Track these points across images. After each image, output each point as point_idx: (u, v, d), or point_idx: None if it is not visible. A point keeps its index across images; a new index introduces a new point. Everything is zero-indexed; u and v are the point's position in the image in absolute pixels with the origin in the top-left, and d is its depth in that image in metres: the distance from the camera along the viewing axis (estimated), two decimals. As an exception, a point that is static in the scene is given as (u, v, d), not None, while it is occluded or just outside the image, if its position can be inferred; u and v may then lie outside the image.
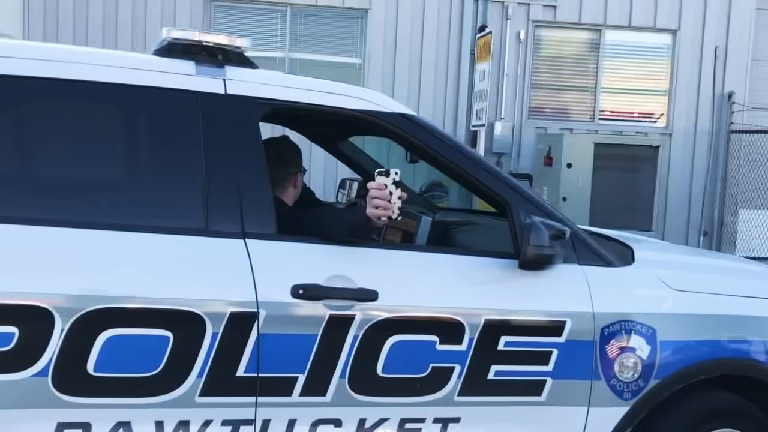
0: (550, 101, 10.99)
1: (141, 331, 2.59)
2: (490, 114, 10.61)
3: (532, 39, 10.71)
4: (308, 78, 3.12)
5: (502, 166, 10.63)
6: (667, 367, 3.08)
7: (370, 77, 10.35)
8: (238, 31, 10.30)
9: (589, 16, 10.68)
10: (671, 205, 10.81)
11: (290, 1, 10.20)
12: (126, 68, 2.79)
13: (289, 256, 2.78)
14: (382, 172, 2.80)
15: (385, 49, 10.35)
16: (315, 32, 10.41)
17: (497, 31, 10.54)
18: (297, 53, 10.36)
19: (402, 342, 2.83)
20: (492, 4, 10.53)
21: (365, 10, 10.33)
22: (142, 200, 2.75)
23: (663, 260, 3.52)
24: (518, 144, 10.73)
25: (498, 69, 10.58)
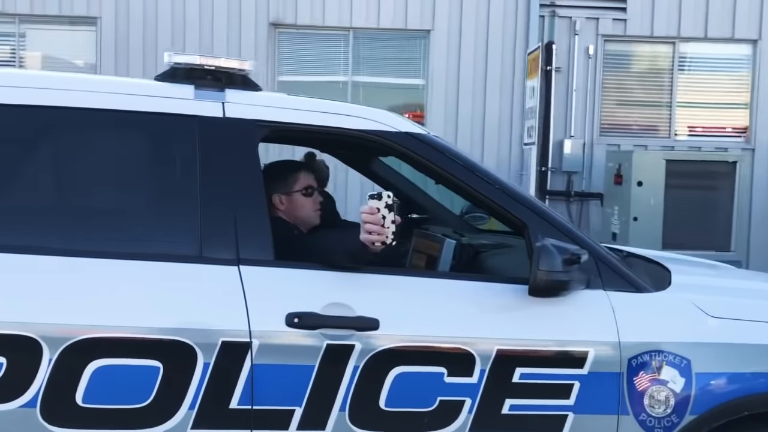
0: (623, 117, 10.63)
1: (130, 361, 2.53)
2: (559, 132, 10.35)
3: (602, 54, 10.39)
4: (313, 99, 3.03)
5: (572, 185, 10.34)
6: (705, 402, 2.82)
7: (434, 98, 10.23)
8: (302, 56, 10.38)
9: (662, 29, 10.30)
10: (755, 223, 10.25)
11: (353, 25, 10.20)
12: (124, 94, 2.77)
13: (285, 283, 2.67)
14: (374, 196, 2.66)
15: (448, 70, 10.22)
16: (377, 55, 10.37)
17: (565, 47, 10.28)
18: (360, 77, 10.33)
19: (406, 374, 2.67)
20: (559, 20, 10.28)
21: (427, 31, 10.24)
22: (135, 227, 2.70)
23: (701, 285, 3.24)
24: (590, 162, 10.40)
25: (566, 85, 10.31)
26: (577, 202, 10.44)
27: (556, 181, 10.42)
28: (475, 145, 10.28)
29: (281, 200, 3.26)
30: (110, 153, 2.80)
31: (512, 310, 2.78)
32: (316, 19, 10.20)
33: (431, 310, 2.74)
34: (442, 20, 10.21)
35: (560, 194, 10.43)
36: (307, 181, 3.27)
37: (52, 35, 10.57)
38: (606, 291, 2.85)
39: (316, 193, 3.29)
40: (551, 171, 10.35)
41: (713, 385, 2.82)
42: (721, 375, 2.84)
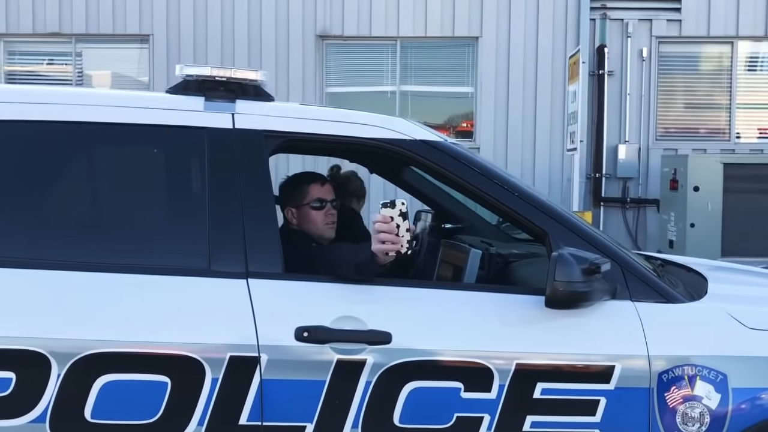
0: (680, 121, 10.35)
1: (138, 376, 2.49)
2: (613, 137, 10.10)
3: (657, 56, 10.13)
4: (327, 108, 2.98)
5: (628, 192, 10.08)
6: (743, 419, 2.64)
7: (483, 105, 10.11)
8: (349, 67, 10.38)
9: (719, 28, 9.99)
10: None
11: (399, 34, 10.15)
12: (134, 108, 2.75)
13: (295, 296, 2.61)
14: (388, 204, 2.57)
15: (497, 76, 10.09)
16: (425, 64, 10.31)
17: (617, 50, 10.06)
18: (408, 86, 10.28)
19: (421, 389, 2.57)
20: (610, 22, 10.06)
21: (476, 38, 10.13)
22: (143, 240, 2.67)
23: (740, 295, 3.05)
24: (645, 167, 10.13)
25: (620, 89, 10.07)
26: (633, 209, 10.17)
27: (611, 188, 10.18)
28: (527, 152, 10.11)
29: (293, 213, 3.21)
30: (120, 166, 2.79)
31: (533, 322, 2.66)
32: (362, 29, 10.19)
33: (446, 322, 2.63)
34: (491, 26, 10.09)
35: (615, 201, 10.18)
36: (317, 194, 3.20)
37: (106, 53, 10.81)
38: (634, 302, 2.71)
39: (328, 206, 3.22)
40: (606, 177, 10.11)
41: (752, 401, 2.65)
42: (762, 390, 2.66)
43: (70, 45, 10.72)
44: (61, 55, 10.84)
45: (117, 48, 10.75)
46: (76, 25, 10.56)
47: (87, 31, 10.57)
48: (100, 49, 10.80)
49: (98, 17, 10.52)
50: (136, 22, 10.49)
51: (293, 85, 10.21)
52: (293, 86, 10.21)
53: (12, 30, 10.63)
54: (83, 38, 10.67)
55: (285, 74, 10.26)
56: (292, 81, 10.22)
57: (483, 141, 10.13)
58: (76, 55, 10.76)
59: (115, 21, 10.53)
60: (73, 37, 10.66)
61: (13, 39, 10.73)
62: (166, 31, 10.45)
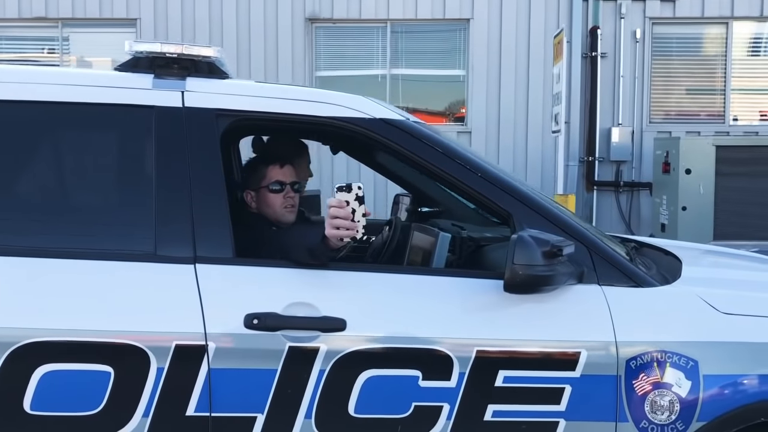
0: (674, 104, 10.21)
1: (79, 366, 2.39)
2: (606, 120, 9.97)
3: (650, 37, 9.97)
4: (283, 86, 2.86)
5: (621, 175, 9.96)
6: (715, 407, 2.53)
7: (475, 88, 9.97)
8: (339, 50, 10.24)
9: (714, 9, 9.83)
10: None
11: (390, 17, 10.01)
12: (79, 86, 2.64)
13: (244, 282, 2.50)
14: (343, 188, 2.46)
15: (489, 59, 9.95)
16: (416, 47, 10.17)
17: (610, 32, 9.92)
18: (398, 69, 10.14)
19: (377, 377, 2.46)
20: (603, 3, 9.91)
21: (467, 20, 9.98)
22: (85, 224, 2.56)
23: (713, 278, 2.94)
24: (639, 150, 10.00)
25: (613, 71, 9.93)
26: (626, 193, 10.06)
27: (604, 171, 10.06)
28: (519, 135, 9.99)
29: (251, 196, 3.10)
30: (63, 147, 2.67)
31: (494, 308, 2.55)
32: (352, 12, 10.05)
33: (403, 308, 2.53)
34: (482, 8, 9.94)
35: (609, 184, 10.06)
36: (276, 176, 3.09)
37: (93, 38, 10.68)
38: (601, 286, 2.59)
39: (288, 188, 3.10)
40: (599, 161, 9.99)
41: (724, 388, 2.54)
42: (734, 377, 2.54)
43: (56, 30, 10.59)
44: (48, 40, 10.72)
45: (104, 32, 10.61)
46: (62, 9, 10.43)
47: (73, 15, 10.44)
48: (87, 34, 10.67)
49: (84, 1, 10.38)
50: (123, 6, 10.36)
51: (282, 68, 10.08)
52: (282, 70, 10.08)
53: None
54: (70, 22, 10.55)
55: (274, 58, 10.13)
56: (281, 65, 10.09)
57: (475, 124, 10.00)
58: (63, 40, 10.64)
59: (102, 5, 10.40)
60: (59, 22, 10.54)
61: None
62: (154, 14, 10.32)
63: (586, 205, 10.07)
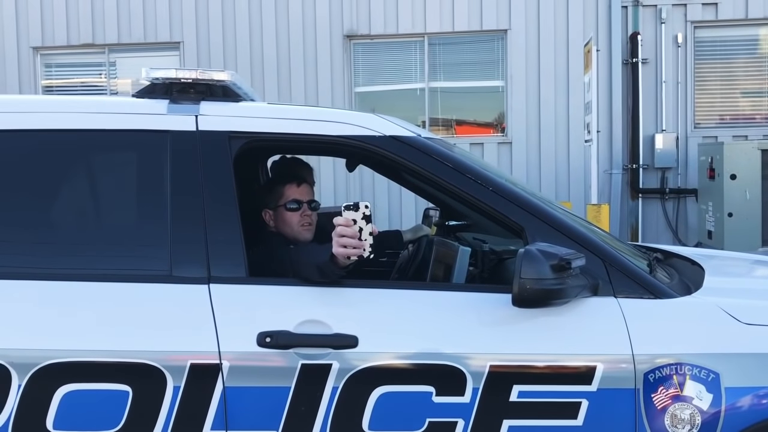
0: (719, 108, 10.00)
1: (99, 385, 2.45)
2: (650, 126, 9.82)
3: (693, 41, 9.80)
4: (294, 106, 2.91)
5: (667, 182, 9.80)
6: (738, 420, 2.47)
7: (514, 99, 9.92)
8: (377, 66, 10.29)
9: (758, 10, 9.64)
10: None
11: (427, 30, 10.03)
12: (96, 113, 2.73)
13: (257, 301, 2.53)
14: (351, 206, 2.48)
15: (527, 69, 9.89)
16: (453, 60, 10.16)
17: (651, 37, 9.77)
18: (436, 82, 10.15)
19: (390, 394, 2.47)
20: (643, 9, 9.78)
21: (504, 31, 9.94)
22: (103, 247, 2.62)
23: (736, 288, 2.87)
24: (684, 157, 9.82)
25: (655, 77, 9.79)
26: (672, 200, 9.88)
27: (649, 179, 9.90)
28: (560, 145, 9.90)
29: (270, 215, 3.14)
30: (82, 172, 2.75)
31: (508, 322, 2.53)
32: (389, 27, 10.10)
33: (416, 324, 2.53)
34: (519, 18, 9.90)
35: (654, 192, 9.90)
36: (293, 195, 3.12)
37: (138, 62, 10.89)
38: (617, 298, 2.56)
39: (305, 207, 3.14)
40: (643, 168, 9.84)
41: (747, 401, 2.47)
42: (757, 389, 2.48)
43: (103, 55, 10.86)
44: (95, 65, 10.99)
45: (149, 56, 10.83)
46: (108, 35, 10.69)
47: (119, 41, 10.69)
48: (133, 58, 10.91)
49: (129, 26, 10.64)
50: (167, 30, 10.58)
51: (322, 86, 10.17)
52: (322, 87, 10.17)
53: (47, 43, 10.81)
54: (116, 48, 10.80)
55: (314, 76, 10.23)
56: (321, 82, 10.18)
57: (515, 135, 9.94)
58: (110, 65, 10.90)
59: (147, 30, 10.63)
60: (106, 48, 10.80)
61: (48, 52, 10.92)
62: (196, 37, 10.51)
63: (631, 214, 9.92)
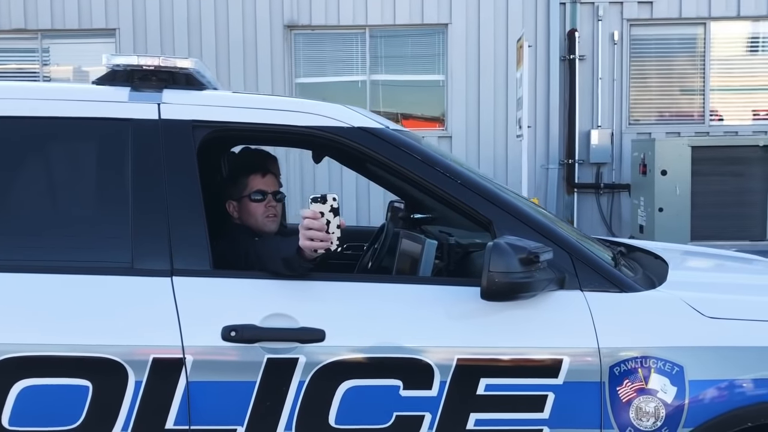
0: (653, 105, 10.25)
1: (58, 380, 2.37)
2: (585, 122, 10.00)
3: (628, 39, 10.01)
4: (260, 96, 2.86)
5: (602, 177, 10.00)
6: (701, 413, 2.51)
7: (454, 93, 9.98)
8: (318, 57, 10.22)
9: (691, 9, 9.89)
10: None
11: (368, 23, 10.00)
12: (56, 100, 2.63)
13: (222, 294, 2.48)
14: (318, 199, 2.44)
15: (468, 63, 9.97)
16: (395, 53, 10.17)
17: (588, 34, 9.96)
18: (378, 75, 10.14)
19: (357, 388, 2.45)
20: (581, 6, 9.94)
21: (445, 25, 9.99)
22: (63, 238, 2.54)
23: (699, 282, 2.92)
24: (619, 152, 10.03)
25: (592, 74, 9.97)
26: (606, 195, 10.09)
27: (584, 174, 10.08)
28: (499, 139, 10.01)
29: (234, 206, 3.08)
30: (40, 161, 2.65)
31: (474, 315, 2.53)
32: (330, 18, 10.03)
33: (383, 318, 2.51)
34: (460, 13, 9.95)
35: (589, 187, 10.09)
36: (257, 186, 3.07)
37: (73, 49, 10.61)
38: (583, 291, 2.58)
39: (269, 197, 3.08)
40: (579, 163, 10.02)
41: (710, 393, 2.51)
42: (720, 382, 2.52)
43: (36, 41, 10.51)
44: (28, 51, 10.63)
45: (83, 43, 10.54)
46: (41, 21, 10.36)
47: (53, 27, 10.36)
48: (67, 45, 10.59)
49: (63, 12, 10.32)
50: (102, 17, 10.30)
51: (262, 76, 10.05)
52: (262, 78, 10.04)
53: (-24, 28, 10.42)
54: (49, 34, 10.47)
55: (254, 66, 10.09)
56: (261, 72, 10.06)
57: (455, 129, 10.00)
58: (43, 51, 10.56)
59: (81, 15, 10.33)
60: (39, 33, 10.46)
61: (-24, 36, 10.52)
62: (133, 24, 10.27)
63: (567, 208, 10.09)
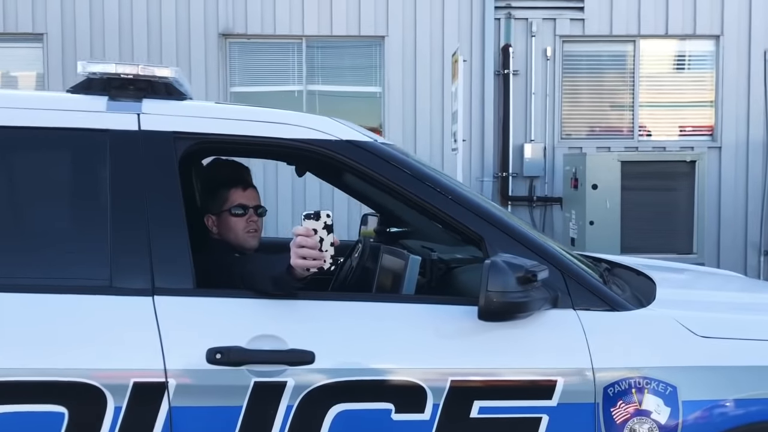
0: (585, 120, 10.43)
1: (31, 407, 2.23)
2: (519, 136, 10.11)
3: (561, 55, 10.18)
4: (244, 107, 2.77)
5: (534, 191, 10.12)
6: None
7: (391, 105, 9.95)
8: (254, 66, 10.05)
9: (622, 27, 10.11)
10: (724, 224, 10.11)
11: (305, 33, 9.89)
12: (28, 109, 2.48)
13: (206, 314, 2.37)
14: (311, 215, 2.35)
15: (404, 76, 9.95)
16: (332, 63, 10.08)
17: (522, 50, 10.07)
18: (315, 85, 10.03)
19: (348, 412, 2.37)
20: (515, 21, 10.06)
21: (382, 37, 9.96)
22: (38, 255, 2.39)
23: (689, 300, 2.93)
24: (551, 166, 10.17)
25: (525, 88, 10.09)
26: (539, 208, 10.22)
27: (518, 187, 10.19)
28: (435, 152, 10.02)
29: (213, 221, 2.95)
30: (13, 173, 2.49)
31: (468, 335, 2.48)
32: (267, 28, 9.88)
33: (374, 339, 2.44)
34: (397, 26, 9.94)
35: (523, 200, 10.20)
36: (238, 200, 2.95)
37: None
38: (576, 310, 2.56)
39: (251, 212, 2.97)
40: (512, 176, 10.13)
41: (704, 414, 2.51)
42: (713, 402, 2.52)
43: (-43, 44, 10.00)
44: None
45: (9, 47, 10.08)
46: (-37, 24, 9.86)
47: (-25, 30, 9.88)
48: (-10, 48, 10.11)
49: (-14, 15, 9.86)
50: (29, 20, 9.87)
51: (196, 85, 9.80)
52: (196, 86, 9.79)
53: None
54: (-29, 37, 9.97)
55: (187, 73, 9.83)
56: (195, 80, 9.81)
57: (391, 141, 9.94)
58: (-35, 55, 10.06)
59: (6, 19, 9.88)
60: (-40, 36, 9.96)
61: None
62: (61, 29, 9.87)
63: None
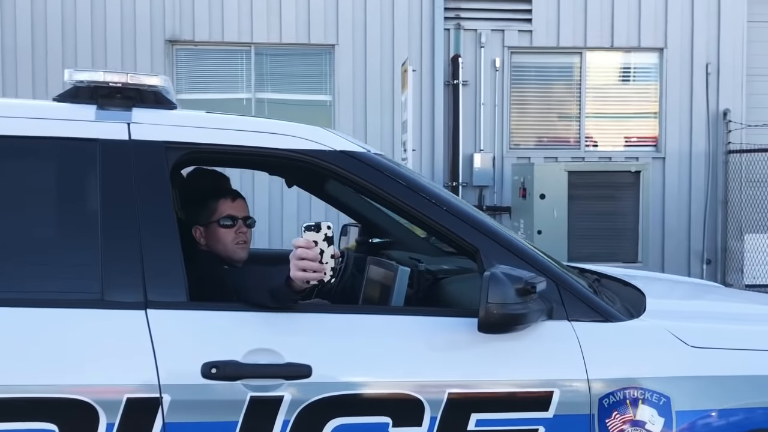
0: (533, 130, 10.56)
1: (19, 425, 2.14)
2: (469, 146, 10.18)
3: (509, 66, 10.29)
4: (237, 117, 2.72)
5: (484, 200, 10.19)
6: None
7: (341, 114, 9.91)
8: (202, 73, 9.90)
9: (568, 39, 10.28)
10: (668, 233, 10.34)
11: (254, 40, 9.78)
12: (12, 117, 2.39)
13: (201, 328, 2.31)
14: (312, 227, 2.30)
15: (355, 85, 9.93)
16: (281, 71, 10.00)
17: (471, 60, 10.15)
18: (263, 93, 9.92)
19: (345, 426, 2.34)
20: (464, 32, 10.13)
21: (332, 45, 9.92)
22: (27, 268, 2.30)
23: (679, 310, 2.96)
24: (500, 176, 10.27)
25: (474, 99, 10.17)
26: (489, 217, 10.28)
27: (468, 196, 10.25)
28: (386, 162, 10.00)
29: (201, 232, 2.88)
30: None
31: (464, 348, 2.46)
32: (214, 35, 9.75)
33: (371, 351, 2.40)
34: (347, 35, 9.91)
35: (473, 209, 10.26)
36: (227, 211, 2.88)
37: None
38: (571, 321, 2.56)
39: (240, 223, 2.90)
40: (462, 186, 10.18)
41: (696, 424, 2.52)
42: (706, 412, 2.54)
43: None
44: None
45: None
46: None
47: None
48: None
49: None
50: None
51: (140, 91, 9.59)
52: (140, 93, 9.58)
53: None
54: None
55: (131, 80, 9.60)
56: (140, 87, 9.60)
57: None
58: None
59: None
60: None
61: None
62: (1, 31, 9.55)
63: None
